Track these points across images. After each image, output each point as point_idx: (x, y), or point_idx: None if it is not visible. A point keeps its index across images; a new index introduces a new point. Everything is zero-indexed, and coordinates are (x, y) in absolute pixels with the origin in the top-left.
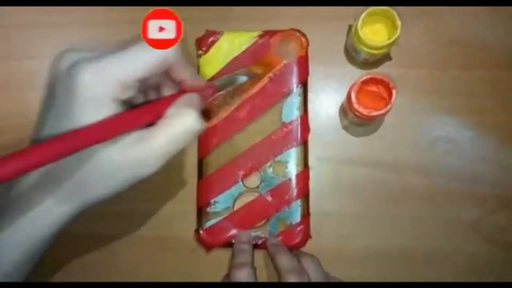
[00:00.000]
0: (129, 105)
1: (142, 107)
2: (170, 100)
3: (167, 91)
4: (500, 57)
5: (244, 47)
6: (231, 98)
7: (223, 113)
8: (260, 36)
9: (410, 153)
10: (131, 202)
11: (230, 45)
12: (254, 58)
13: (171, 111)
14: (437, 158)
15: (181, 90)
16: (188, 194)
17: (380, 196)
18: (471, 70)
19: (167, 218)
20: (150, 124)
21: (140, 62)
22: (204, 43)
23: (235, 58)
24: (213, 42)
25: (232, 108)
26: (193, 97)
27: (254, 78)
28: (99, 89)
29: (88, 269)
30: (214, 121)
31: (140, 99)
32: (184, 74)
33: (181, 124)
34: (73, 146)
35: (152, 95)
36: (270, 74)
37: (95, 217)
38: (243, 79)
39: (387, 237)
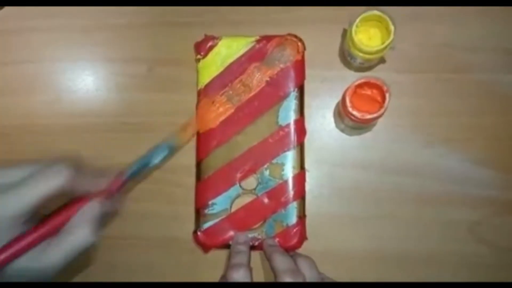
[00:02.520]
0: (38, 217)
1: (44, 224)
2: (68, 214)
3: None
4: (491, 60)
5: (241, 52)
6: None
7: (221, 117)
8: (258, 41)
9: (405, 155)
10: (130, 204)
11: (228, 49)
12: (250, 63)
13: (69, 224)
14: (432, 161)
15: (85, 196)
16: (186, 196)
17: (375, 198)
18: (463, 73)
19: (166, 219)
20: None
21: (30, 198)
22: (202, 47)
23: (233, 63)
24: (212, 47)
25: (230, 111)
26: (91, 209)
27: (171, 154)
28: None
29: (86, 269)
30: (212, 124)
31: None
32: (84, 188)
33: (73, 240)
34: None
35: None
36: (267, 79)
37: None
38: (159, 158)
39: (383, 239)
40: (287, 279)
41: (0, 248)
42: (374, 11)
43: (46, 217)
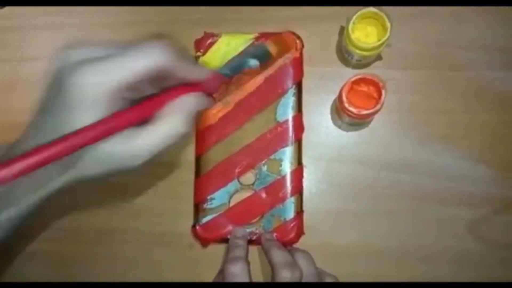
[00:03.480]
0: (132, 100)
1: (137, 106)
2: (165, 99)
3: (173, 84)
4: (488, 58)
5: (241, 49)
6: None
7: (220, 113)
8: (257, 38)
9: (402, 152)
10: (129, 198)
11: (227, 46)
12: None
13: (162, 113)
14: (428, 158)
15: (183, 86)
16: (185, 191)
17: (372, 194)
18: (460, 70)
19: (165, 214)
20: (145, 121)
21: (137, 66)
22: (202, 44)
23: (232, 60)
24: (211, 44)
25: (229, 107)
26: (187, 100)
27: (266, 62)
28: (99, 91)
29: (86, 263)
30: (211, 121)
31: (147, 90)
32: (185, 74)
33: (165, 128)
34: (73, 147)
35: (160, 86)
36: (266, 75)
37: (94, 212)
38: (253, 63)
39: (379, 234)
40: (285, 272)
41: (94, 124)
42: (371, 8)
43: (142, 100)
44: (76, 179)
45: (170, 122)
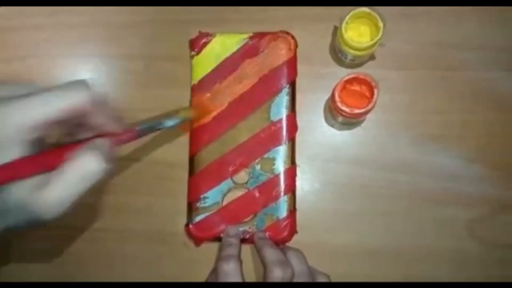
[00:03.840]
0: (43, 145)
1: (49, 151)
2: (78, 145)
3: (84, 135)
4: (482, 57)
5: (235, 49)
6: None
7: (214, 112)
8: (251, 38)
9: (396, 152)
10: (123, 197)
11: (222, 46)
12: (243, 60)
13: (72, 155)
14: (423, 158)
15: (97, 134)
16: (179, 190)
17: (364, 193)
18: (453, 70)
19: (159, 212)
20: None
21: (47, 107)
22: (196, 44)
23: (226, 59)
24: (206, 44)
25: (223, 107)
26: (100, 141)
27: (183, 123)
28: (5, 130)
29: (80, 261)
30: (205, 120)
31: (56, 138)
32: (99, 120)
33: (79, 168)
34: None
35: (70, 136)
36: (260, 75)
37: (87, 211)
38: (169, 123)
39: (373, 234)
40: (276, 270)
41: (3, 164)
42: (364, 8)
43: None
44: None
45: (81, 161)
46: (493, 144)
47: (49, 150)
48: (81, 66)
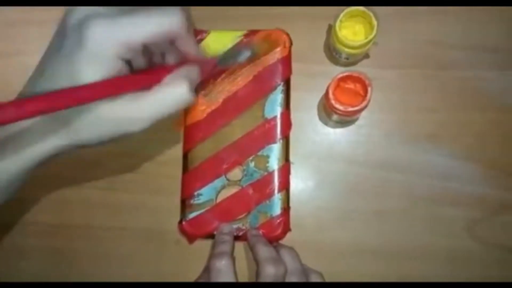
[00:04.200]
0: (131, 67)
1: (142, 72)
2: (169, 70)
3: (170, 59)
4: (475, 57)
5: (229, 46)
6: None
7: (208, 109)
8: (245, 35)
9: (389, 150)
10: (116, 194)
11: (216, 43)
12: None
13: (166, 79)
14: (416, 156)
15: (183, 61)
16: (173, 187)
17: (358, 191)
18: (447, 69)
19: (152, 210)
20: (148, 89)
21: (147, 27)
22: None
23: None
24: (200, 41)
25: (217, 104)
26: (191, 70)
27: (255, 56)
28: (107, 45)
29: (72, 259)
30: (199, 117)
31: (143, 63)
32: (188, 46)
33: (171, 92)
34: (75, 101)
35: (156, 61)
36: (254, 72)
37: (81, 208)
38: (245, 55)
39: (366, 232)
40: (269, 268)
41: (95, 82)
42: (358, 7)
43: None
44: (70, 143)
45: (173, 88)
46: (485, 143)
47: (142, 71)
48: None
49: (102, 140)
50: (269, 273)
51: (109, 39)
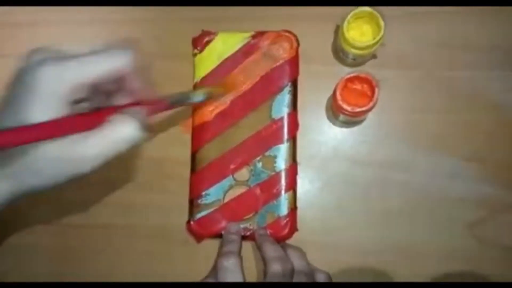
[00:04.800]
0: (78, 108)
1: (91, 113)
2: (117, 109)
3: (119, 99)
4: (482, 58)
5: (237, 47)
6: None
7: (216, 110)
8: (253, 37)
9: (395, 151)
10: (124, 193)
11: (224, 45)
12: (245, 58)
13: (114, 118)
14: (422, 157)
15: (131, 102)
16: (181, 187)
17: (364, 192)
18: (453, 70)
19: (161, 209)
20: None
21: (95, 68)
22: (199, 42)
23: (229, 57)
24: (208, 42)
25: (225, 105)
26: (138, 110)
27: (210, 98)
28: (55, 88)
29: (80, 257)
30: (207, 117)
31: (96, 103)
32: (136, 86)
33: (117, 131)
34: (22, 140)
35: (109, 101)
36: (262, 73)
37: (89, 208)
38: (198, 98)
39: (372, 232)
40: (276, 266)
41: (41, 122)
42: (365, 7)
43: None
44: (19, 189)
45: (121, 126)
46: (489, 143)
47: (90, 111)
48: None
49: (54, 182)
50: (277, 271)
51: (57, 82)
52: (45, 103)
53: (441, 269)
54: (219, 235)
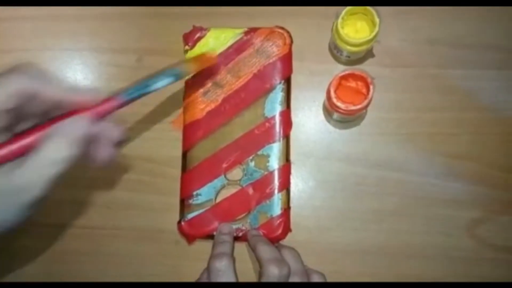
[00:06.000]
0: (12, 131)
1: (18, 137)
2: (48, 126)
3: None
4: (474, 56)
5: (229, 44)
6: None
7: (207, 108)
8: (245, 33)
9: (390, 149)
10: (114, 194)
11: (216, 41)
12: (237, 55)
13: (44, 139)
14: (417, 156)
15: (71, 112)
16: (171, 187)
17: (359, 191)
18: (447, 68)
19: (151, 210)
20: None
21: None
22: (190, 38)
23: (220, 54)
24: (200, 38)
25: (216, 102)
26: (69, 123)
27: (179, 79)
28: None
29: (70, 259)
30: (199, 115)
31: (29, 123)
32: (58, 97)
33: (46, 154)
34: None
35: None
36: (254, 71)
37: (80, 208)
38: (159, 85)
39: (367, 232)
40: (273, 268)
41: None
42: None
43: (20, 134)
44: None
45: (51, 147)
46: (483, 142)
47: (17, 136)
48: (70, 60)
49: (13, 215)
50: (273, 273)
51: None
52: None
53: (437, 269)
54: (211, 236)
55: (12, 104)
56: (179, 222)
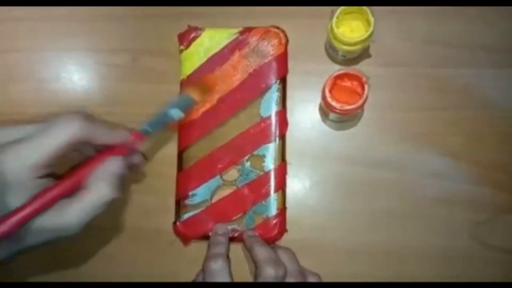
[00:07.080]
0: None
1: (63, 181)
2: (89, 168)
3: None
4: (469, 56)
5: (224, 43)
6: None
7: (203, 108)
8: (241, 33)
9: (386, 149)
10: None
11: (211, 41)
12: (232, 55)
13: (88, 181)
14: (411, 155)
15: (106, 150)
16: (167, 187)
17: (355, 191)
18: (443, 68)
19: (146, 210)
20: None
21: (48, 146)
22: (185, 38)
23: (216, 54)
24: (195, 38)
25: (212, 102)
26: (109, 166)
27: (189, 108)
28: (19, 174)
29: (65, 259)
30: (194, 116)
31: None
32: (102, 141)
33: (92, 199)
34: (11, 227)
35: (85, 152)
36: (250, 70)
37: None
38: (176, 114)
39: (362, 232)
40: (269, 269)
41: (23, 205)
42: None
43: (64, 175)
44: (17, 249)
45: (95, 192)
46: (479, 142)
47: (64, 178)
48: (65, 61)
49: (46, 242)
50: (269, 274)
51: (19, 167)
52: (16, 189)
53: (433, 269)
54: (206, 237)
55: (61, 154)
56: (174, 223)
